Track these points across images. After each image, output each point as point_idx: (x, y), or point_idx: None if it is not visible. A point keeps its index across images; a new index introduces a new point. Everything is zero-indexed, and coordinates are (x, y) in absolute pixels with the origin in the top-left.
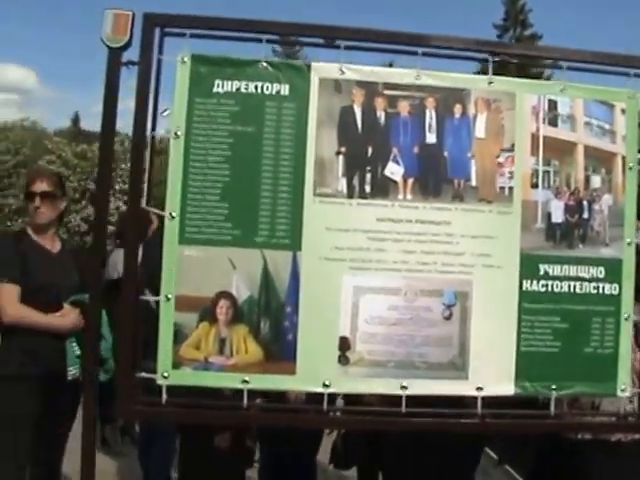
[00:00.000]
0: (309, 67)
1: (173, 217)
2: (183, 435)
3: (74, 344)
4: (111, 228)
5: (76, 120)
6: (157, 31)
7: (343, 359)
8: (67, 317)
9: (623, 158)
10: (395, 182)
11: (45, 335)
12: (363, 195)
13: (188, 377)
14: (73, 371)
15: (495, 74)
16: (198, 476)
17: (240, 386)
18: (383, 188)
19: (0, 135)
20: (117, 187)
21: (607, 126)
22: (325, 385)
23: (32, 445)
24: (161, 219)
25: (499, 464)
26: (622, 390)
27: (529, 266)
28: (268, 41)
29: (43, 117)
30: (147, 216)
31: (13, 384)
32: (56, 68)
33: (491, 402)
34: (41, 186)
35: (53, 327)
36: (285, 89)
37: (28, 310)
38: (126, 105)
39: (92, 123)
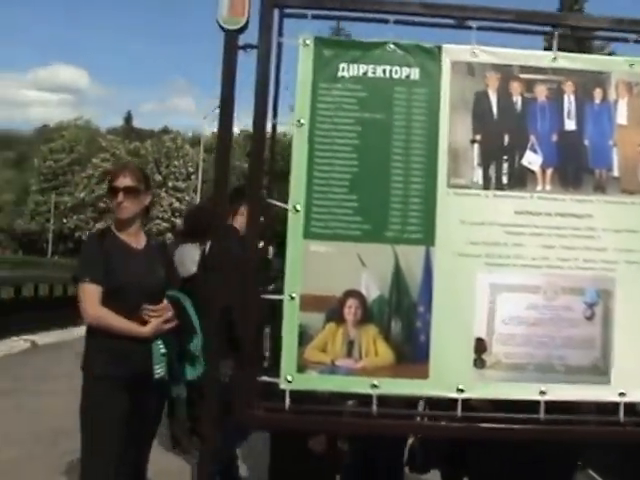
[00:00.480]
0: (440, 49)
1: (297, 210)
2: (274, 437)
3: (159, 343)
4: (165, 225)
5: (128, 118)
6: (276, 12)
7: (479, 362)
8: (147, 326)
9: None
10: (533, 172)
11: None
12: (500, 186)
13: (313, 381)
14: (159, 370)
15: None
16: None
17: (369, 391)
18: (521, 179)
19: (55, 134)
20: (170, 184)
21: None
22: (459, 390)
23: (120, 444)
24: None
25: (582, 469)
26: None
27: None
28: (396, 22)
29: (95, 116)
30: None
31: (101, 383)
32: (107, 67)
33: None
34: (124, 181)
35: (130, 333)
36: (415, 73)
37: (108, 313)
38: (175, 103)
39: (143, 121)
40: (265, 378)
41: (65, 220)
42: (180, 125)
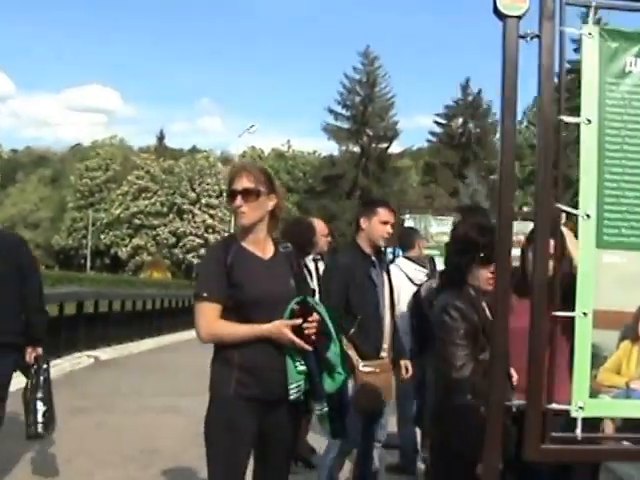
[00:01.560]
0: None
1: (589, 217)
2: (438, 462)
3: (296, 358)
4: (198, 241)
5: (161, 137)
6: None
7: None
8: (274, 326)
9: None
10: None
11: (263, 349)
12: None
13: (605, 407)
14: (295, 389)
15: None
16: None
17: None
18: None
19: (91, 152)
20: (203, 201)
21: None
22: None
23: (245, 468)
24: None
25: None
26: None
27: None
28: None
29: (127, 135)
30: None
31: (228, 404)
32: (138, 87)
33: None
34: (242, 183)
35: (255, 335)
36: None
37: (223, 324)
38: (202, 123)
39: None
40: (555, 406)
41: (101, 236)
42: (208, 144)
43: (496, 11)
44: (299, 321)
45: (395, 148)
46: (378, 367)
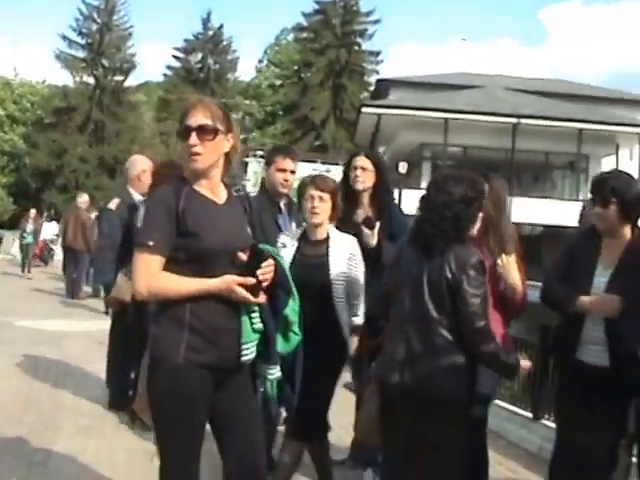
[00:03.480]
0: None
1: None
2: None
3: (254, 314)
4: None
5: None
6: None
7: None
8: (224, 281)
9: None
10: None
11: (217, 307)
12: None
13: None
14: (248, 349)
15: None
16: None
17: None
18: None
19: None
20: None
21: None
22: None
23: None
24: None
25: None
26: None
27: None
28: None
29: None
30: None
31: (181, 372)
32: None
33: None
34: (198, 119)
35: (206, 291)
36: None
37: (170, 281)
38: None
39: None
40: None
41: None
42: None
43: None
44: (252, 280)
45: (131, 81)
46: None
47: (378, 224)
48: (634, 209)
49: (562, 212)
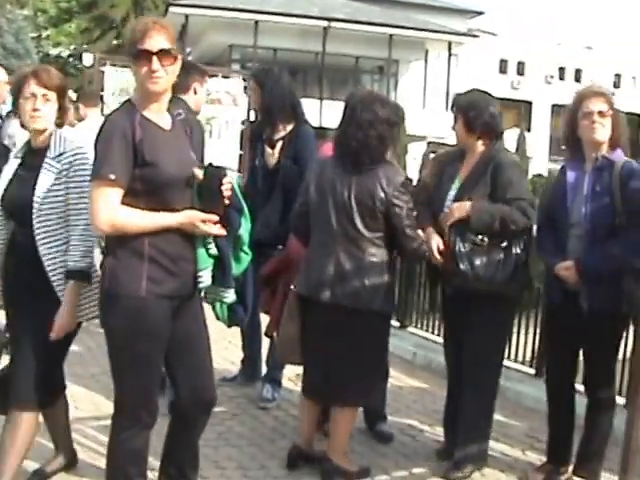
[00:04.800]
0: None
1: None
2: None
3: (208, 240)
4: None
5: None
6: None
7: None
8: (186, 216)
9: None
10: None
11: (174, 237)
12: None
13: None
14: (205, 275)
15: None
16: None
17: None
18: None
19: None
20: None
21: None
22: None
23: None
24: None
25: None
26: None
27: None
28: None
29: None
30: None
31: (143, 304)
32: None
33: None
34: (159, 42)
35: (167, 226)
36: None
37: (131, 215)
38: None
39: None
40: None
41: None
42: None
43: None
44: (215, 217)
45: None
46: None
47: (280, 144)
48: (474, 122)
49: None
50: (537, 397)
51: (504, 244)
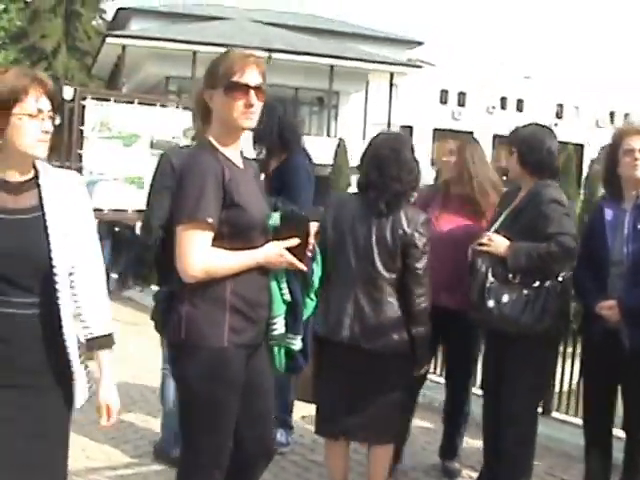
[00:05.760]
0: None
1: None
2: None
3: (282, 284)
4: None
5: None
6: None
7: None
8: (271, 248)
9: None
10: None
11: (253, 281)
12: None
13: None
14: (279, 322)
15: None
16: None
17: None
18: None
19: None
20: None
21: None
22: None
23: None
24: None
25: None
26: None
27: None
28: None
29: None
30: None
31: (225, 356)
32: None
33: None
34: (256, 76)
35: (254, 264)
36: None
37: (221, 257)
38: None
39: None
40: None
41: None
42: None
43: None
44: (297, 241)
45: None
46: None
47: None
48: (528, 158)
49: (309, 148)
50: (548, 435)
51: (536, 284)
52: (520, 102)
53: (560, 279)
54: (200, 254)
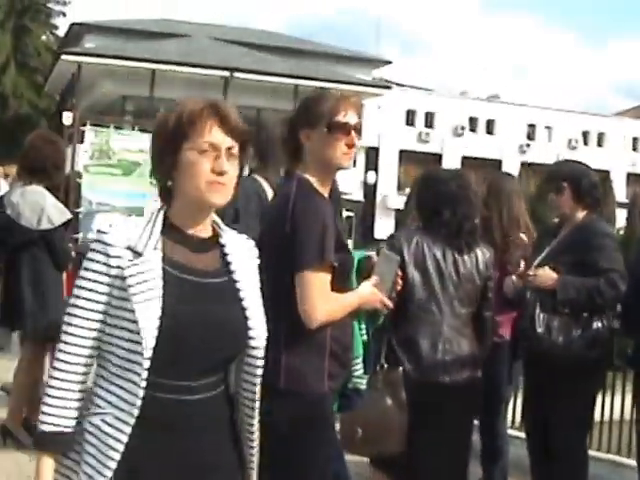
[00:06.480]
0: None
1: None
2: None
3: (362, 324)
4: None
5: None
6: None
7: None
8: (367, 288)
9: None
10: None
11: (348, 325)
12: None
13: None
14: (359, 365)
15: None
16: None
17: None
18: None
19: None
20: None
21: None
22: None
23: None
24: None
25: None
26: None
27: None
28: None
29: None
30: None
31: (325, 401)
32: None
33: None
34: (356, 117)
35: (357, 305)
36: None
37: (337, 300)
38: None
39: None
40: None
41: None
42: None
43: None
44: (390, 279)
45: None
46: None
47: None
48: (584, 192)
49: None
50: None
51: (585, 314)
52: (490, 123)
53: (608, 312)
54: (326, 299)
